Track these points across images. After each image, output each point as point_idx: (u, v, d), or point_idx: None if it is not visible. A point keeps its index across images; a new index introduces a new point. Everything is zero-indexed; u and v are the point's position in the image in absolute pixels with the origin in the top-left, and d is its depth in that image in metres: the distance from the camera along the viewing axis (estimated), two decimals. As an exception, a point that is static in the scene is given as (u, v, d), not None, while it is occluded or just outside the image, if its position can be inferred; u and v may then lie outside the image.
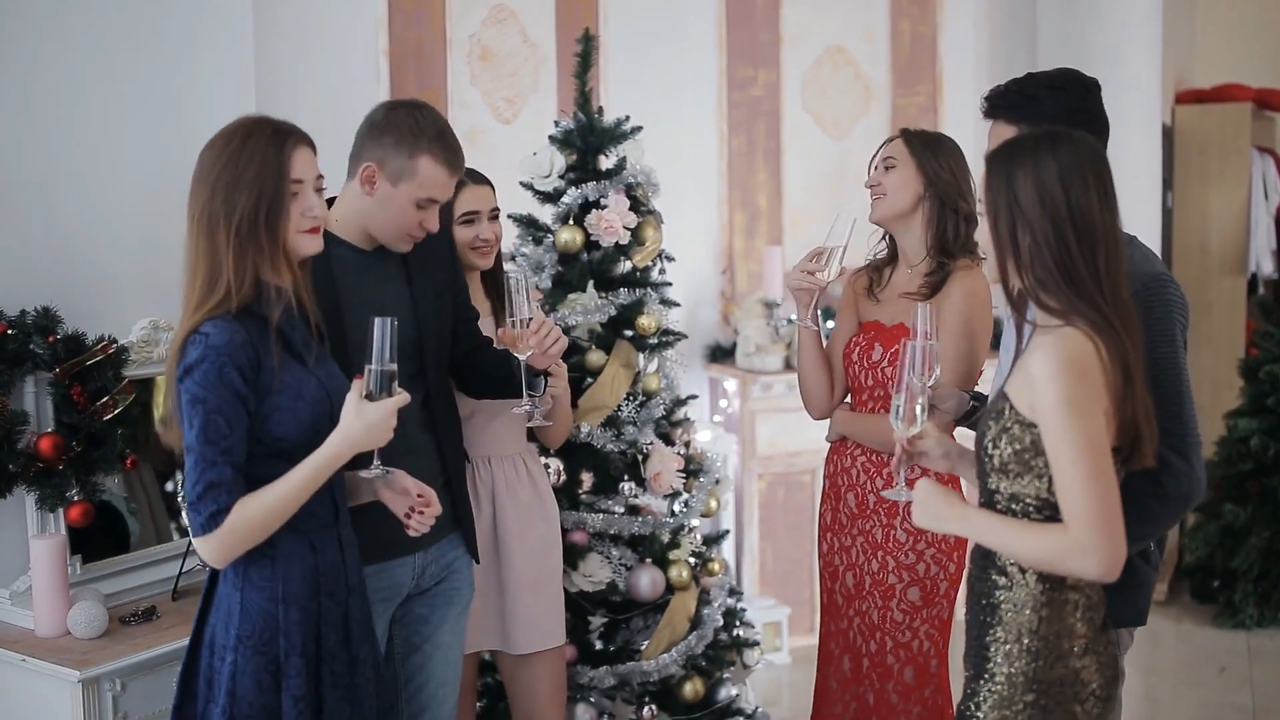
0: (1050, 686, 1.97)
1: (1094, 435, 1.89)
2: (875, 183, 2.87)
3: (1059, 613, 1.98)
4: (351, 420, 2.08)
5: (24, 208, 2.89)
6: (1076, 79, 2.46)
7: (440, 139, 2.49)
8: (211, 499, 2.03)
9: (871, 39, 5.49)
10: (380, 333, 2.08)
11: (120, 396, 2.82)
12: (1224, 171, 6.65)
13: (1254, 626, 5.19)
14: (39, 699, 2.57)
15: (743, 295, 5.18)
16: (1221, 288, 6.74)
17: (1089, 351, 1.92)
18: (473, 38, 4.47)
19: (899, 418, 2.12)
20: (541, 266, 3.44)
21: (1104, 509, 1.87)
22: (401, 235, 2.52)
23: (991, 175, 2.01)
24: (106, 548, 2.91)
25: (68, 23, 2.96)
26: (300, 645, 2.13)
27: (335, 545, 2.22)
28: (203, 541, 2.05)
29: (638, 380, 3.46)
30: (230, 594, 2.13)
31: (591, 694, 3.36)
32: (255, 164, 2.09)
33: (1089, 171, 1.97)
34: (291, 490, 2.08)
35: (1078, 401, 1.88)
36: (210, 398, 2.03)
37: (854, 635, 2.90)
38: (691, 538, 3.57)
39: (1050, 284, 1.96)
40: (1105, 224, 1.97)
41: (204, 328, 2.05)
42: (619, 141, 3.47)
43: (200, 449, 2.03)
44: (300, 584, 2.14)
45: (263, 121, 2.15)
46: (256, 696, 2.10)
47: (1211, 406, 6.36)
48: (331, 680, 2.17)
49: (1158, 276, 2.35)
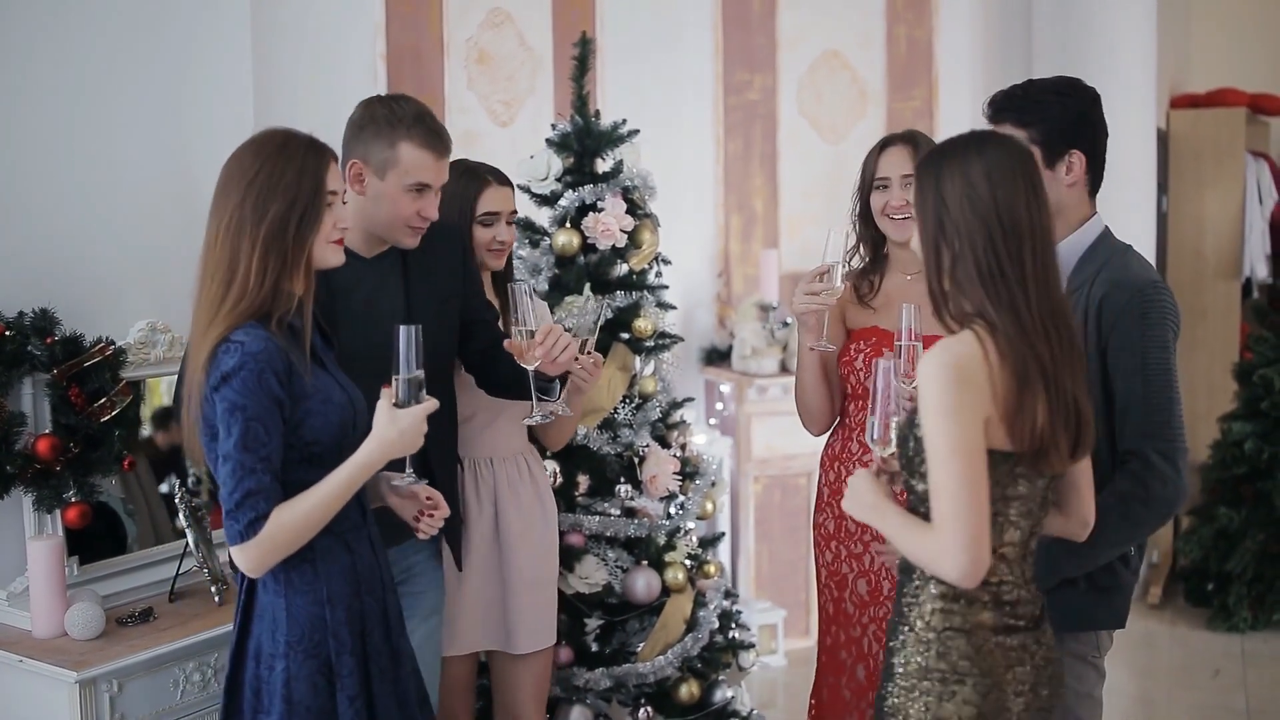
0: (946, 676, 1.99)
1: (966, 441, 1.89)
2: (901, 203, 2.80)
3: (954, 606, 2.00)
4: (386, 427, 2.10)
5: (22, 209, 2.89)
6: (1081, 87, 2.49)
7: (419, 123, 2.50)
8: (250, 506, 2.03)
9: (867, 43, 5.51)
10: (405, 341, 2.11)
11: (118, 398, 2.83)
12: (1219, 176, 6.66)
13: (1248, 630, 5.20)
14: (36, 700, 2.57)
15: (739, 298, 5.19)
16: (1216, 292, 6.75)
17: (974, 354, 1.93)
18: (470, 41, 4.48)
19: (874, 440, 2.13)
20: (539, 269, 3.45)
21: (968, 514, 1.88)
22: (401, 227, 2.52)
23: (921, 177, 2.02)
24: (104, 549, 2.92)
25: (66, 26, 2.97)
26: (350, 644, 2.15)
27: (367, 544, 2.24)
28: (241, 550, 2.05)
29: (634, 383, 3.47)
30: (274, 602, 2.13)
31: (587, 696, 3.37)
32: (293, 170, 2.10)
33: (1016, 171, 1.97)
34: (328, 497, 2.09)
35: (952, 406, 1.89)
36: (250, 405, 2.03)
37: (869, 642, 2.85)
38: (687, 540, 3.57)
39: (968, 286, 1.96)
40: (1033, 223, 1.96)
41: (236, 335, 2.05)
42: (616, 145, 3.48)
43: (239, 456, 2.02)
44: (342, 583, 2.15)
45: (294, 133, 2.16)
46: (313, 700, 2.11)
47: (1206, 410, 6.36)
48: (379, 676, 2.19)
49: (1154, 283, 2.36)
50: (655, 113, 4.59)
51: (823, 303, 2.71)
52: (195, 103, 3.24)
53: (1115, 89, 5.44)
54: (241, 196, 2.08)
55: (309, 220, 2.11)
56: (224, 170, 2.14)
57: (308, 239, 2.11)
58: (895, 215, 2.82)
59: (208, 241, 2.12)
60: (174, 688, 2.65)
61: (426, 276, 2.61)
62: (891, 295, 2.88)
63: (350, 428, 2.17)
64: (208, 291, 2.09)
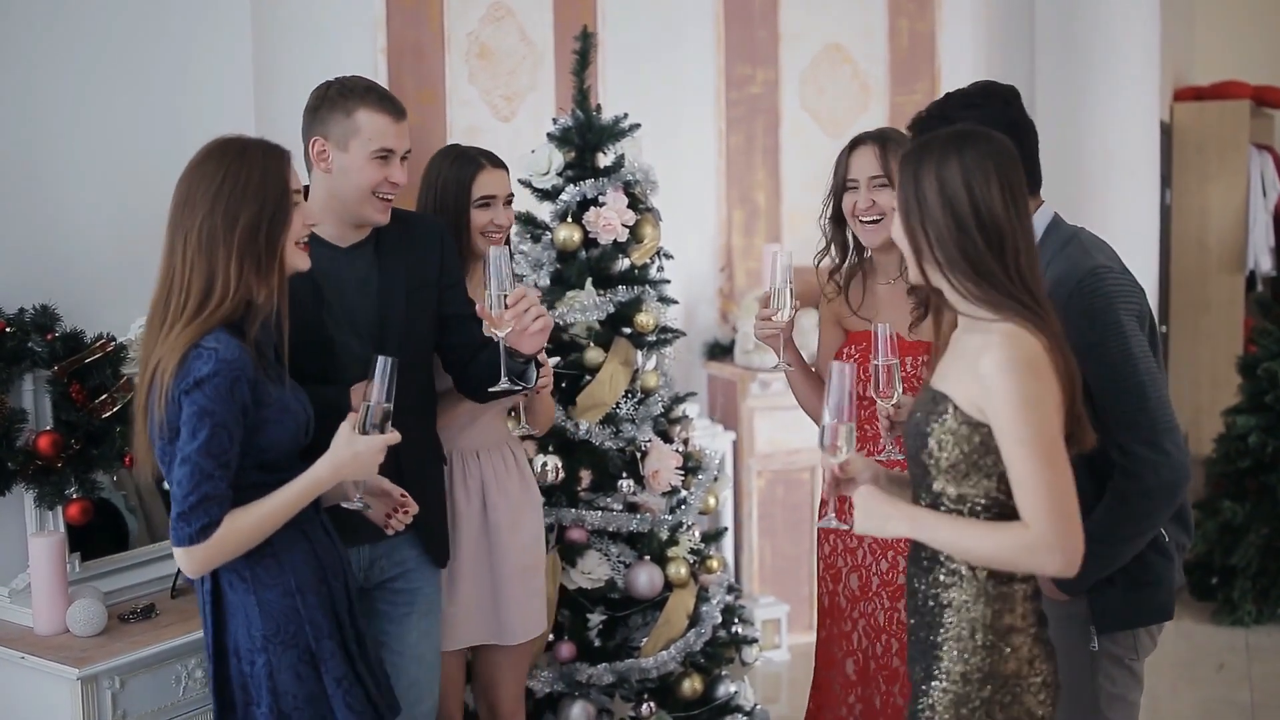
0: (1007, 680, 1.97)
1: (1050, 432, 1.89)
2: (868, 204, 2.75)
3: (1010, 604, 1.98)
4: (342, 449, 2.13)
5: (22, 205, 2.89)
6: (994, 92, 2.46)
7: (371, 91, 2.53)
8: (204, 511, 2.06)
9: (870, 37, 5.49)
10: (381, 371, 2.12)
11: (119, 394, 2.83)
12: (1222, 169, 6.66)
13: (1252, 623, 5.19)
14: (38, 697, 2.57)
15: (741, 293, 5.18)
16: (1220, 285, 6.75)
17: (1038, 347, 1.92)
18: (471, 36, 4.47)
19: (824, 448, 2.09)
20: (540, 264, 3.44)
21: (1064, 504, 1.88)
22: (370, 199, 2.51)
23: (901, 175, 2.02)
24: (105, 546, 2.92)
25: (67, 24, 2.97)
26: (327, 628, 2.18)
27: (321, 530, 2.27)
28: (186, 552, 2.08)
29: (636, 378, 3.46)
30: (244, 599, 2.16)
31: (590, 691, 3.37)
32: (257, 174, 2.12)
33: (993, 169, 1.96)
34: (278, 508, 2.13)
35: (1033, 399, 1.88)
36: (219, 411, 2.05)
37: (859, 637, 2.87)
38: (690, 535, 3.57)
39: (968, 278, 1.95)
40: (1012, 222, 1.95)
41: (207, 342, 2.07)
42: (617, 139, 3.47)
43: (199, 460, 2.05)
44: (307, 571, 2.19)
45: (248, 139, 2.18)
46: (299, 688, 2.15)
47: (1209, 404, 6.36)
48: (359, 655, 2.23)
49: (1093, 271, 2.31)
50: (657, 107, 4.58)
51: (775, 327, 2.74)
52: (196, 99, 3.23)
53: (1118, 81, 5.45)
54: (210, 206, 2.10)
55: (279, 222, 2.13)
56: (183, 182, 2.16)
57: (279, 242, 2.14)
58: (865, 218, 2.77)
59: (173, 252, 2.14)
60: (176, 684, 2.65)
61: (399, 263, 2.59)
62: (881, 298, 2.86)
63: (303, 433, 2.21)
64: (177, 301, 2.11)
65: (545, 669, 3.35)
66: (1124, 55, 5.38)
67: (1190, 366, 6.75)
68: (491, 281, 2.38)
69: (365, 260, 2.58)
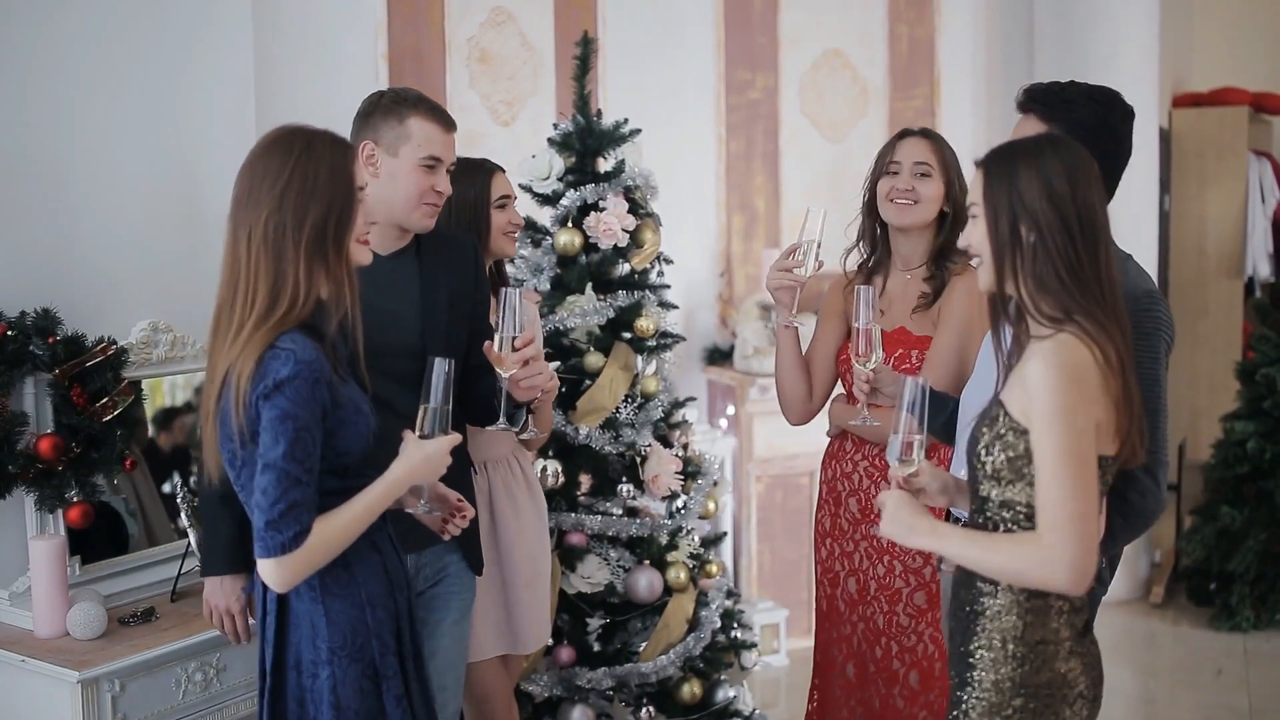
0: (1038, 690, 1.97)
1: (1081, 446, 1.88)
2: (908, 188, 2.82)
3: (1043, 618, 1.98)
4: (414, 452, 2.11)
5: (24, 209, 2.89)
6: (1118, 101, 2.46)
7: (423, 101, 2.56)
8: (294, 519, 1.98)
9: (869, 42, 5.50)
10: (438, 373, 2.12)
11: (120, 398, 2.83)
12: (1221, 175, 6.66)
13: (1250, 629, 5.19)
14: (38, 700, 2.57)
15: (740, 298, 5.19)
16: (1218, 291, 6.75)
17: (1086, 359, 1.91)
18: (471, 41, 4.48)
19: (898, 460, 2.06)
20: (540, 269, 3.44)
21: (1081, 521, 1.86)
22: (417, 205, 2.53)
23: (992, 175, 1.98)
24: (106, 549, 2.91)
25: (67, 27, 2.97)
26: (393, 645, 2.15)
27: (389, 543, 2.24)
28: (277, 563, 1.99)
29: (636, 382, 3.46)
30: (311, 609, 2.11)
31: (589, 696, 3.37)
32: (325, 171, 2.04)
33: (1091, 172, 1.97)
34: (360, 514, 2.08)
35: (1069, 410, 1.87)
36: (302, 414, 1.98)
37: (858, 641, 2.88)
38: (689, 539, 3.57)
39: (1052, 284, 1.93)
40: (1105, 224, 1.97)
41: (283, 343, 2.00)
42: (618, 144, 3.48)
43: (285, 466, 1.97)
44: (378, 584, 2.15)
45: (314, 130, 2.10)
46: (361, 704, 2.10)
47: (1208, 409, 6.37)
48: (414, 674, 2.21)
49: (1149, 294, 2.33)
50: (657, 112, 4.59)
51: (795, 279, 2.72)
52: (197, 102, 3.23)
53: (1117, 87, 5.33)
54: (277, 203, 2.01)
55: (345, 221, 2.06)
56: (246, 174, 2.07)
57: (345, 240, 2.07)
58: (900, 200, 2.82)
59: (237, 250, 2.04)
60: (176, 688, 2.65)
61: (440, 275, 2.61)
62: (894, 295, 2.89)
63: (373, 435, 2.15)
64: (244, 302, 2.02)
65: (544, 673, 3.36)
66: (1123, 61, 5.38)
67: (1189, 372, 6.76)
68: (505, 323, 2.40)
69: (408, 267, 2.59)
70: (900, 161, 2.84)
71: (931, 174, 2.81)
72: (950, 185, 2.83)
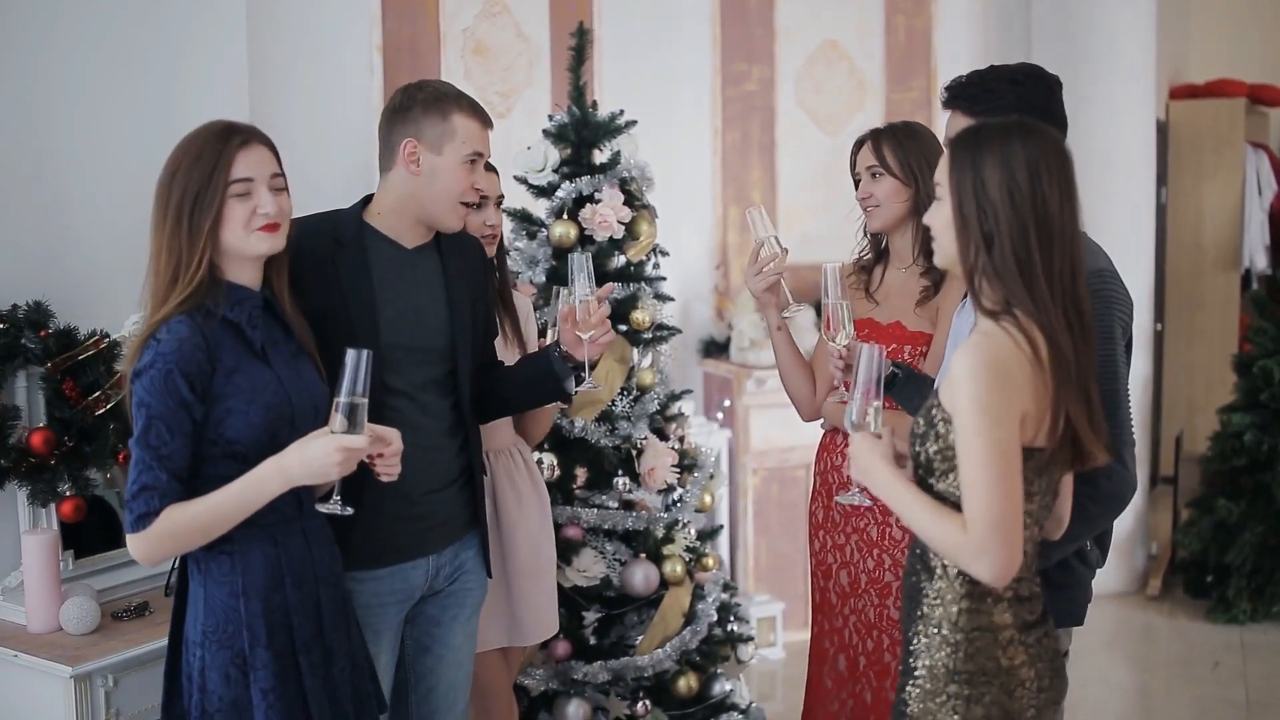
0: (973, 677, 1.96)
1: (1003, 440, 1.86)
2: (866, 194, 2.84)
3: (980, 605, 1.97)
4: (291, 450, 2.05)
5: (16, 201, 2.88)
6: (1039, 75, 2.42)
7: (463, 96, 2.53)
8: (143, 501, 2.03)
9: (866, 34, 5.49)
10: (353, 365, 2.00)
11: (112, 391, 2.82)
12: (1218, 167, 6.66)
13: (1247, 621, 5.19)
14: (31, 695, 2.57)
15: (737, 290, 5.18)
16: (1215, 283, 6.75)
17: (1012, 353, 1.89)
18: (466, 32, 4.46)
19: (853, 425, 2.05)
20: (535, 261, 3.43)
21: (1003, 515, 1.85)
22: (455, 203, 2.50)
23: (956, 159, 1.97)
24: (99, 543, 2.91)
25: (63, 21, 2.96)
26: (266, 638, 2.12)
27: (300, 537, 2.19)
28: (131, 539, 2.06)
29: (632, 375, 3.45)
30: (196, 591, 2.14)
31: (585, 689, 3.36)
32: (190, 158, 2.12)
33: (1054, 166, 1.93)
34: (220, 508, 2.05)
35: (990, 404, 1.85)
36: (154, 404, 2.03)
37: (849, 634, 2.89)
38: (685, 533, 3.56)
39: (1004, 274, 1.91)
40: (1064, 221, 1.93)
41: (159, 333, 2.06)
42: (613, 136, 3.47)
43: (138, 451, 2.04)
44: (260, 576, 2.13)
45: (218, 122, 2.17)
46: (225, 690, 2.10)
47: (1205, 402, 6.37)
48: (310, 670, 2.17)
49: (1099, 273, 2.29)
50: (653, 104, 4.57)
51: (776, 270, 2.75)
52: (190, 94, 3.22)
53: (1114, 79, 5.45)
54: (158, 190, 2.13)
55: (202, 209, 2.10)
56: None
57: (203, 228, 2.10)
58: (866, 206, 2.87)
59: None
60: (170, 682, 2.64)
61: (461, 273, 2.59)
62: (891, 288, 2.90)
63: (284, 425, 2.12)
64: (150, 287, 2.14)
65: (540, 667, 3.35)
66: (1120, 53, 5.38)
67: (1185, 364, 6.76)
68: (577, 285, 2.51)
69: (431, 263, 2.56)
70: (860, 171, 2.88)
71: (880, 173, 2.82)
72: (914, 176, 2.81)
